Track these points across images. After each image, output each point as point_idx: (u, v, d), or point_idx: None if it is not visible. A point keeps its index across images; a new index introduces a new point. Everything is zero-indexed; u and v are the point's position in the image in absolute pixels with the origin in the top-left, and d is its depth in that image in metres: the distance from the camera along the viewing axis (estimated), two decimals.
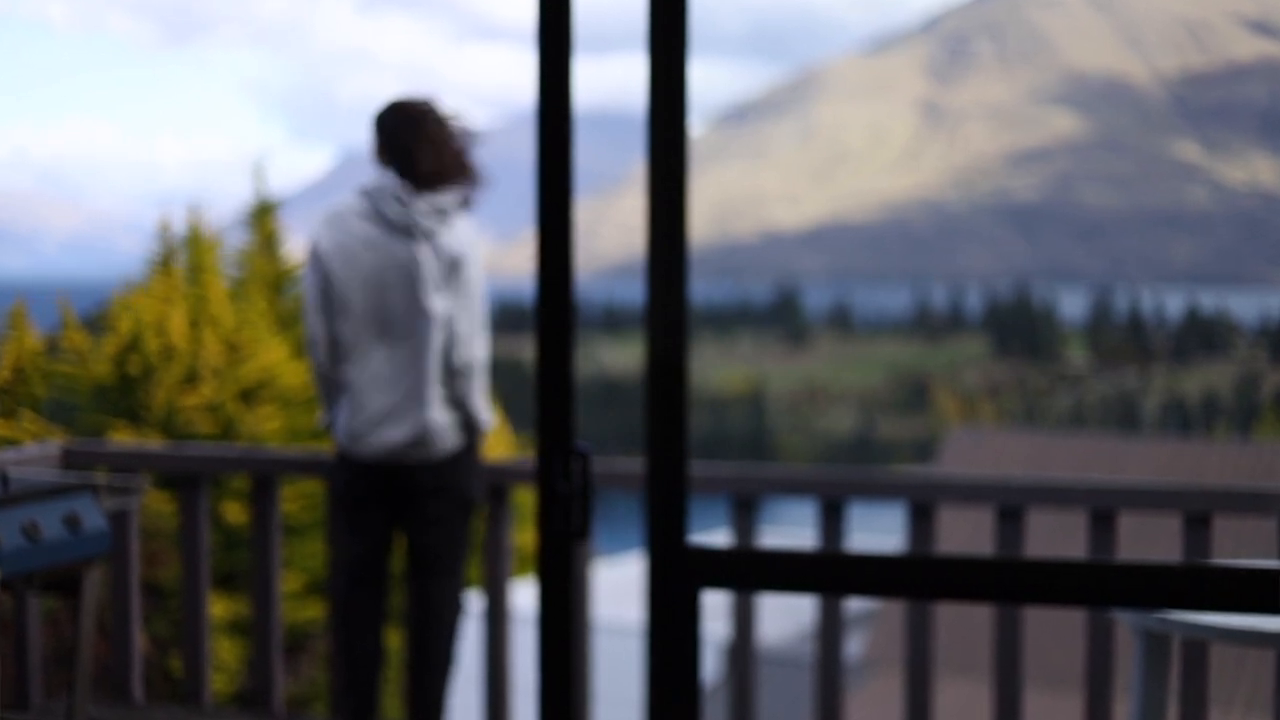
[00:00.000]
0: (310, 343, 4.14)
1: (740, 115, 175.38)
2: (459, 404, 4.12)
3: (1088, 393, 73.14)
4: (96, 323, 8.60)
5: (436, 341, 4.04)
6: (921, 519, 3.98)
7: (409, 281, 4.00)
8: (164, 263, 8.91)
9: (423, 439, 4.07)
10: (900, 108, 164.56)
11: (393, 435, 4.05)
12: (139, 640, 4.59)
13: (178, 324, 8.28)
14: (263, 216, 9.52)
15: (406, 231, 4.02)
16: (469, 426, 4.16)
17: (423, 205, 4.03)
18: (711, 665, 12.68)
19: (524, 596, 8.19)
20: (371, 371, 4.06)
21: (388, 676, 8.77)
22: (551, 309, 2.18)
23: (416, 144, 4.06)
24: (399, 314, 4.02)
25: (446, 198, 4.06)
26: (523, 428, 13.52)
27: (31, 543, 3.15)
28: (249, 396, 8.38)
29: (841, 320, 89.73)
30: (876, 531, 11.62)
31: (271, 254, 9.39)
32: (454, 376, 4.08)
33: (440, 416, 4.08)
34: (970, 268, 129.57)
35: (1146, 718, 2.88)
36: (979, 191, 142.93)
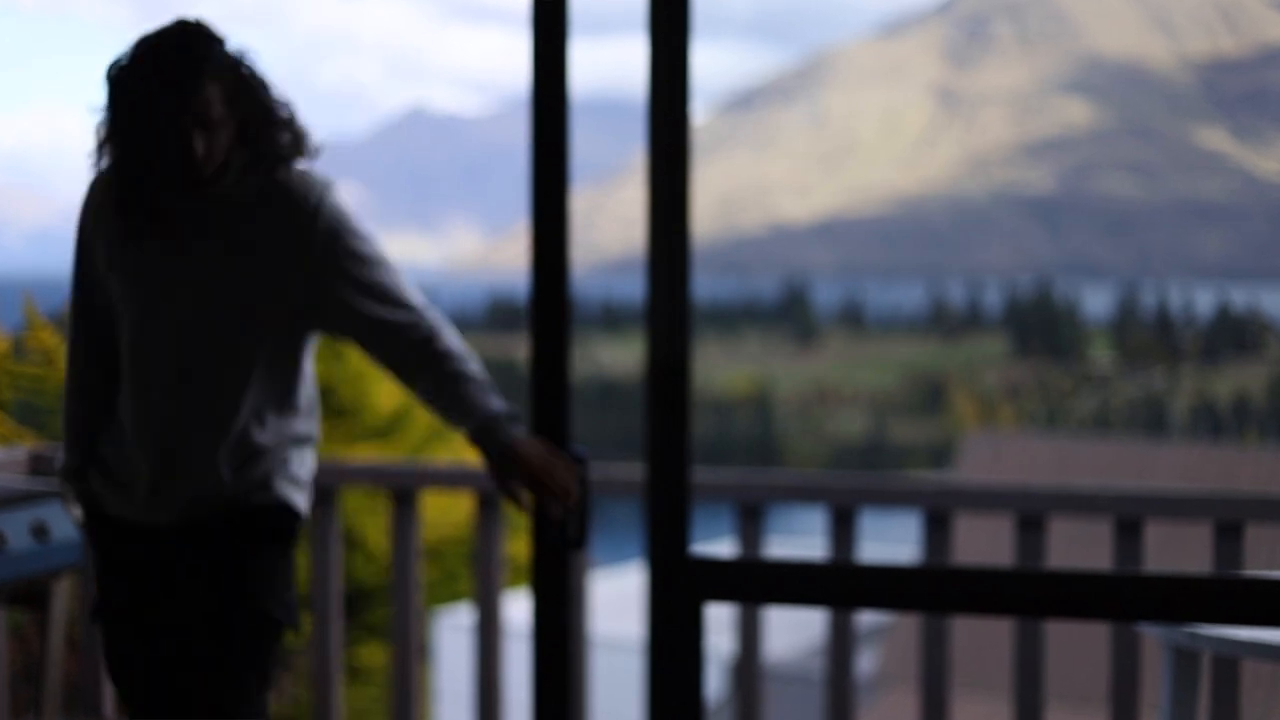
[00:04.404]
0: None
1: (746, 102, 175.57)
2: None
3: (1113, 394, 73.21)
4: (67, 320, 8.60)
5: None
6: (937, 528, 3.97)
7: None
8: None
9: None
10: (914, 94, 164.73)
11: None
12: None
13: None
14: None
15: None
16: None
17: None
18: (715, 682, 12.69)
19: (518, 610, 8.17)
20: None
21: (375, 696, 8.77)
22: (546, 306, 2.18)
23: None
24: None
25: None
26: None
27: None
28: None
29: (853, 318, 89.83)
30: (890, 541, 11.63)
31: None
32: None
33: None
34: (989, 262, 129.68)
35: None
36: (998, 182, 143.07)
